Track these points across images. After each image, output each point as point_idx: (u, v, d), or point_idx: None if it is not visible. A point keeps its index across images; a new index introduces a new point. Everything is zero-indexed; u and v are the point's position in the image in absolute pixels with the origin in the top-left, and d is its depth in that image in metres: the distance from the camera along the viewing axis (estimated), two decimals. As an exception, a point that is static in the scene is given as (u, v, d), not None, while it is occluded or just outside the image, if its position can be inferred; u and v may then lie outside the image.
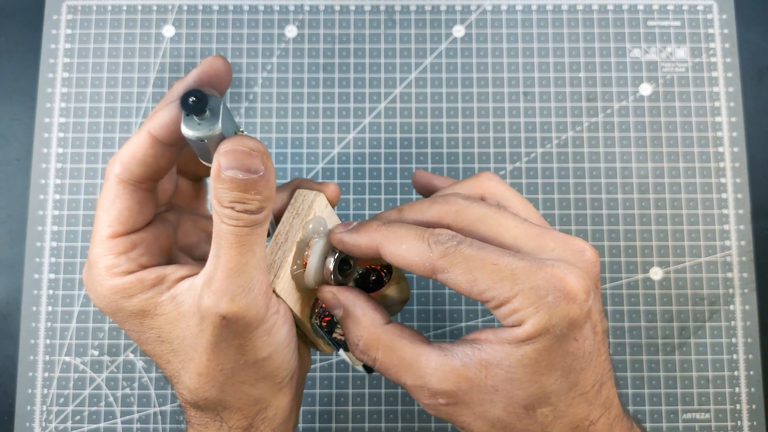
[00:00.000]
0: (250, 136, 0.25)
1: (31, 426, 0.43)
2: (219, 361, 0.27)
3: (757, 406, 0.44)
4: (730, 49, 0.47)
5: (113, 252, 0.27)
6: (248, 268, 0.26)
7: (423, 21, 0.48)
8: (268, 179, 0.25)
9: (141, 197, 0.28)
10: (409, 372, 0.28)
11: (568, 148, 0.46)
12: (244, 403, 0.29)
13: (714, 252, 0.45)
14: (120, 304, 0.28)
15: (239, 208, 0.25)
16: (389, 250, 0.28)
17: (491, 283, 0.26)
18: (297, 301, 0.30)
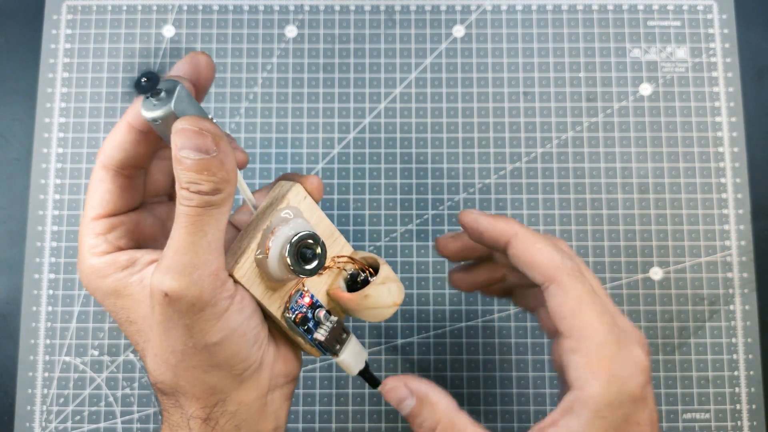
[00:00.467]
0: (205, 118, 0.26)
1: (31, 426, 0.43)
2: (169, 342, 0.27)
3: (757, 406, 0.44)
4: (730, 49, 0.47)
5: (94, 233, 0.29)
6: (196, 248, 0.26)
7: (423, 21, 0.48)
8: (222, 161, 0.26)
9: (122, 182, 0.29)
10: None
11: (568, 148, 0.46)
12: (200, 391, 0.28)
13: (714, 252, 0.45)
14: (97, 283, 0.29)
15: (193, 188, 0.26)
16: (522, 244, 0.29)
17: (592, 320, 0.27)
18: (265, 291, 0.29)
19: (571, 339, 0.27)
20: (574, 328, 0.27)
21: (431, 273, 0.45)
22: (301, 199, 0.30)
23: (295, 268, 0.28)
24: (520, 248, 0.29)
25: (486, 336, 0.44)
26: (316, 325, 0.31)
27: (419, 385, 0.29)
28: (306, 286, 0.30)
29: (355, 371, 0.32)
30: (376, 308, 0.31)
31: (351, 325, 0.44)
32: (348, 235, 0.45)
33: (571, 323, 0.27)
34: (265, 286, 0.29)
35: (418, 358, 0.44)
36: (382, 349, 0.44)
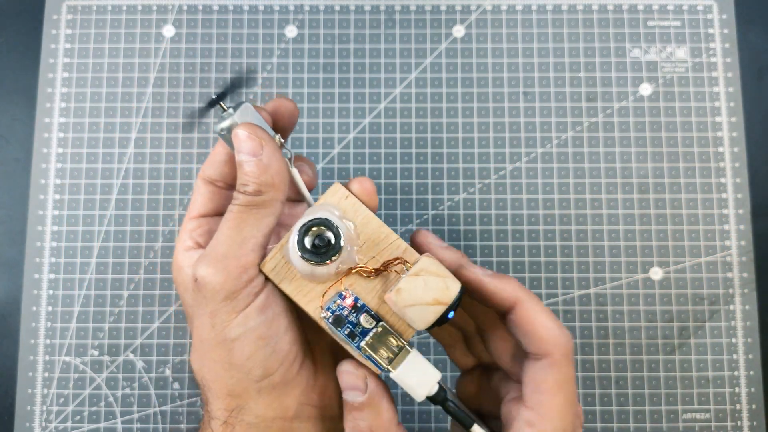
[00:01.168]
0: (259, 127, 0.29)
1: (31, 426, 0.43)
2: (198, 328, 0.29)
3: (757, 406, 0.44)
4: (730, 49, 0.47)
5: (186, 230, 0.32)
6: (230, 241, 0.28)
7: (423, 21, 0.48)
8: (266, 165, 0.28)
9: (213, 189, 0.32)
10: None
11: (568, 148, 0.46)
12: (220, 389, 0.29)
13: (714, 252, 0.45)
14: (176, 275, 0.31)
15: (241, 189, 0.28)
16: (527, 313, 0.28)
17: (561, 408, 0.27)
18: (299, 289, 0.28)
19: (533, 412, 0.27)
20: (543, 406, 0.27)
21: (431, 273, 0.45)
22: (340, 198, 0.29)
23: (303, 254, 0.27)
24: (524, 317, 0.28)
25: (486, 336, 0.44)
26: (364, 332, 0.28)
27: (376, 388, 0.28)
28: (351, 288, 0.29)
29: (421, 394, 0.28)
30: (413, 305, 0.27)
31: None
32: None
33: (541, 400, 0.27)
34: (298, 284, 0.28)
35: (418, 358, 0.44)
36: (382, 349, 0.44)
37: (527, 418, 0.28)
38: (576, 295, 0.45)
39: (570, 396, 0.28)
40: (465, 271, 0.30)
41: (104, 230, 0.45)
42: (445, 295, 0.27)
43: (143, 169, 0.46)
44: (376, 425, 0.28)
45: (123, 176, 0.46)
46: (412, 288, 0.27)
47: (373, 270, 0.28)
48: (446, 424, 0.44)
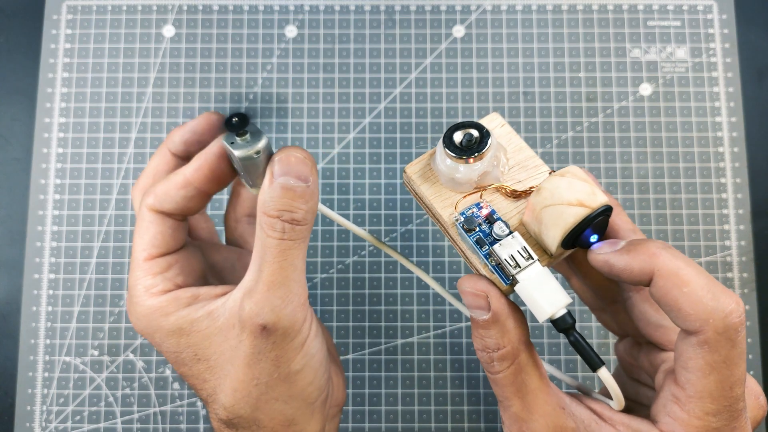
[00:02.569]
0: (299, 147, 0.28)
1: (31, 426, 0.43)
2: (254, 374, 0.27)
3: (757, 406, 0.44)
4: (730, 49, 0.47)
5: (150, 273, 0.29)
6: (289, 282, 0.27)
7: (423, 21, 0.48)
8: (313, 191, 0.27)
9: (171, 224, 0.30)
10: (522, 401, 0.26)
11: (568, 148, 0.46)
12: (277, 423, 0.28)
13: (714, 252, 0.45)
14: (158, 323, 0.29)
15: (286, 217, 0.27)
16: (667, 284, 0.24)
17: (713, 391, 0.24)
18: (437, 194, 0.28)
19: (681, 390, 0.25)
20: (691, 385, 0.24)
21: (431, 273, 0.45)
22: (496, 125, 0.29)
23: (449, 149, 0.27)
24: (665, 290, 0.24)
25: (486, 336, 0.44)
26: (493, 242, 0.26)
27: (500, 305, 0.26)
28: (492, 202, 0.28)
29: (546, 312, 0.25)
30: (552, 205, 0.25)
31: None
32: (348, 234, 0.45)
33: (689, 378, 0.24)
34: (438, 189, 0.28)
35: (418, 358, 0.44)
36: (382, 349, 0.44)
37: (674, 392, 0.25)
38: (576, 295, 0.45)
39: (726, 379, 0.24)
40: (592, 257, 0.26)
41: (104, 230, 0.45)
42: (591, 200, 0.25)
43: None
44: (503, 342, 0.26)
45: (123, 176, 0.46)
46: (554, 187, 0.25)
47: (513, 191, 0.27)
48: (446, 424, 0.44)
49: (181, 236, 0.30)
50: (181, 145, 0.31)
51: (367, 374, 0.44)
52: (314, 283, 0.45)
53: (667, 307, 0.24)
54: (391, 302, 0.45)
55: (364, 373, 0.44)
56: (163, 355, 0.30)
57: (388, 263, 0.45)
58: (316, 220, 0.45)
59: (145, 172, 0.32)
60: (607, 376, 0.26)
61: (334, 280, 0.45)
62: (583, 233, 0.26)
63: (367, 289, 0.45)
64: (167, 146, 0.32)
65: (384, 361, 0.44)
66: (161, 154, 0.32)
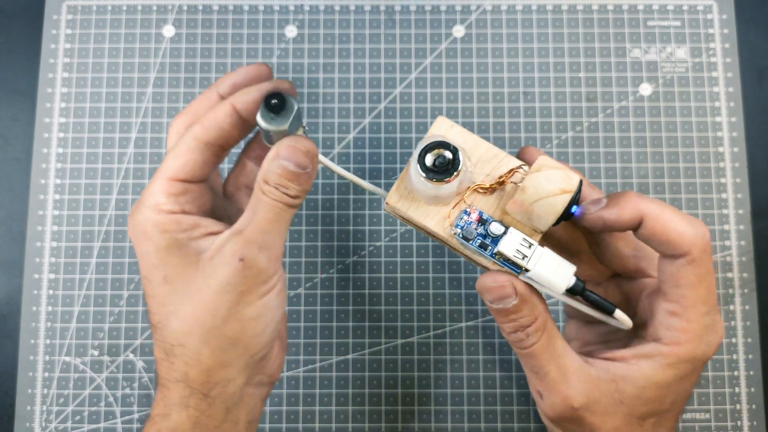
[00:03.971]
0: (308, 138, 0.31)
1: (31, 426, 0.43)
2: (217, 303, 0.30)
3: (757, 406, 0.44)
4: (730, 49, 0.47)
5: (167, 192, 0.31)
6: (274, 232, 0.30)
7: (423, 21, 0.48)
8: (310, 176, 0.31)
9: (207, 157, 0.32)
10: (557, 365, 0.30)
11: (568, 148, 0.46)
12: (215, 363, 0.30)
13: (714, 252, 0.45)
14: (153, 236, 0.31)
15: (282, 190, 0.30)
16: (655, 224, 0.29)
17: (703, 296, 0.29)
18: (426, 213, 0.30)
19: (676, 304, 0.29)
20: (684, 298, 0.29)
21: (431, 273, 0.45)
22: (446, 128, 0.31)
23: (427, 174, 0.29)
24: (654, 231, 0.29)
25: (486, 336, 0.44)
26: (495, 240, 0.29)
27: (522, 286, 0.29)
28: (473, 204, 0.30)
29: (561, 287, 0.29)
30: (540, 199, 0.28)
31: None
32: (348, 234, 0.45)
33: (683, 293, 0.29)
34: (423, 209, 0.30)
35: (418, 358, 0.44)
36: (382, 349, 0.44)
37: (669, 308, 0.29)
38: (576, 295, 0.45)
39: (711, 285, 0.29)
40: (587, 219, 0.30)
41: (104, 230, 0.45)
42: (569, 184, 0.28)
43: (143, 169, 0.46)
44: (535, 315, 0.30)
45: (123, 176, 0.46)
46: (536, 183, 0.28)
47: (489, 186, 0.30)
48: (446, 424, 0.44)
49: (206, 171, 0.33)
50: (230, 88, 0.34)
51: (367, 374, 0.44)
52: (314, 283, 0.45)
53: (657, 242, 0.29)
54: (391, 302, 0.45)
55: (364, 373, 0.44)
56: (140, 264, 0.32)
57: (388, 263, 0.45)
58: (316, 222, 0.45)
59: (189, 108, 0.34)
60: (620, 315, 0.30)
61: (334, 280, 0.45)
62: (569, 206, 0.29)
63: (367, 289, 0.45)
64: (216, 89, 0.34)
65: (384, 361, 0.44)
66: (208, 94, 0.34)
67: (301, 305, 0.45)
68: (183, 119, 0.34)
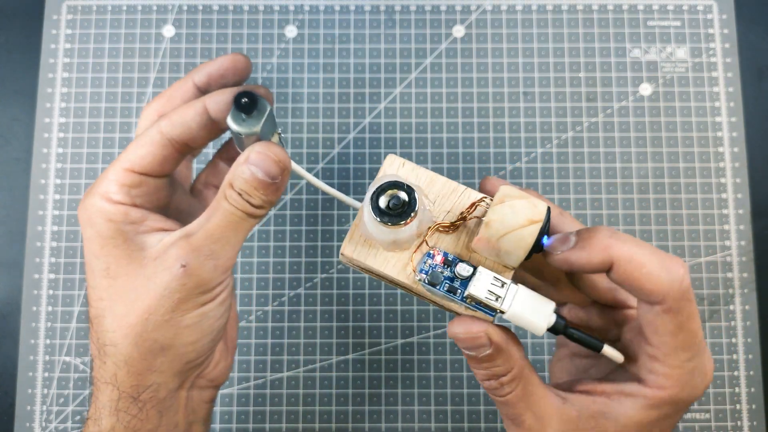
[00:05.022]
0: (281, 147, 0.29)
1: (31, 426, 0.43)
2: (151, 308, 0.29)
3: (757, 406, 0.44)
4: (730, 49, 0.47)
5: (120, 181, 0.30)
6: (225, 242, 0.29)
7: (423, 21, 0.48)
8: (278, 188, 0.29)
9: (169, 153, 0.31)
10: (534, 410, 0.28)
11: (568, 148, 0.46)
12: (144, 367, 0.29)
13: (714, 252, 0.45)
14: (97, 222, 0.30)
15: (245, 197, 0.29)
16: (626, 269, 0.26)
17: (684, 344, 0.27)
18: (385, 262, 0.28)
19: (657, 350, 0.27)
20: (665, 345, 0.27)
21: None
22: (398, 166, 0.29)
23: (382, 219, 0.26)
24: (625, 275, 0.26)
25: (486, 336, 0.44)
26: (464, 283, 0.27)
27: (497, 333, 0.27)
28: (436, 245, 0.28)
29: (542, 327, 0.27)
30: (507, 233, 0.26)
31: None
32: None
33: (663, 340, 0.27)
34: (383, 257, 0.28)
35: (418, 358, 0.44)
36: (382, 349, 0.44)
37: (651, 353, 0.27)
38: (576, 295, 0.45)
39: (693, 329, 0.27)
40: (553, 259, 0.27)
41: (104, 230, 0.45)
42: (536, 213, 0.26)
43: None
44: (511, 365, 0.27)
45: (123, 176, 0.46)
46: (501, 217, 0.26)
47: (450, 224, 0.28)
48: (446, 424, 0.44)
49: (167, 168, 0.31)
50: (205, 77, 0.33)
51: (367, 374, 0.44)
52: (314, 283, 0.45)
53: (629, 288, 0.26)
54: (391, 302, 0.45)
55: (364, 373, 0.44)
56: (84, 251, 0.31)
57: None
58: (316, 222, 0.45)
59: (162, 95, 0.33)
60: (609, 350, 0.28)
61: (334, 280, 0.45)
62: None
63: (367, 289, 0.45)
64: (192, 77, 0.33)
65: (384, 361, 0.44)
66: (184, 82, 0.33)
67: (301, 305, 0.45)
68: (155, 106, 0.33)
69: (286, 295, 0.45)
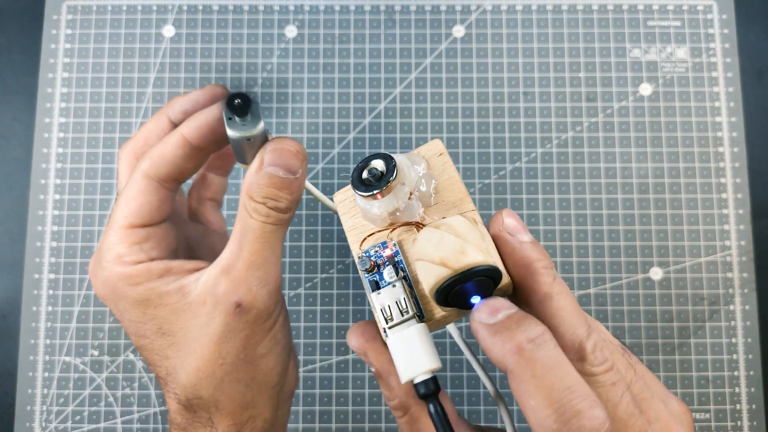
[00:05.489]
0: (293, 139, 0.27)
1: (31, 426, 0.43)
2: (222, 353, 0.27)
3: (757, 406, 0.44)
4: (730, 49, 0.47)
5: (127, 241, 0.28)
6: (267, 263, 0.27)
7: (423, 21, 0.48)
8: (301, 182, 0.27)
9: (162, 195, 0.29)
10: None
11: (568, 148, 0.46)
12: (236, 406, 0.29)
13: (714, 252, 0.45)
14: (125, 291, 0.28)
15: (271, 204, 0.27)
16: (521, 395, 0.22)
17: None
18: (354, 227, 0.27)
19: None
20: None
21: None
22: (434, 153, 0.27)
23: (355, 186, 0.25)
24: (515, 392, 0.22)
25: (486, 336, 0.44)
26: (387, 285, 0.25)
27: (380, 365, 0.26)
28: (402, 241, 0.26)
29: (404, 376, 0.24)
30: (420, 259, 0.24)
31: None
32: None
33: None
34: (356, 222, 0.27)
35: (418, 358, 0.44)
36: (382, 349, 0.44)
37: None
38: (576, 295, 0.45)
39: None
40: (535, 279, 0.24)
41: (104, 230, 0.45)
42: (455, 260, 0.22)
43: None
44: (391, 395, 0.26)
45: (123, 176, 0.46)
46: (425, 240, 0.24)
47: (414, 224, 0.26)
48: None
49: (166, 209, 0.30)
50: (180, 114, 0.30)
51: (367, 374, 0.44)
52: (314, 283, 0.45)
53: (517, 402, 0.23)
54: (391, 302, 0.45)
55: (365, 373, 0.44)
56: (123, 325, 0.29)
57: (388, 263, 0.45)
58: (316, 222, 0.45)
59: (137, 136, 0.31)
60: None
61: (334, 280, 0.45)
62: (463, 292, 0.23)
63: (367, 289, 0.45)
64: (166, 113, 0.31)
65: (384, 361, 0.44)
66: (158, 119, 0.31)
67: (301, 305, 0.45)
68: (131, 147, 0.31)
69: (286, 295, 0.45)
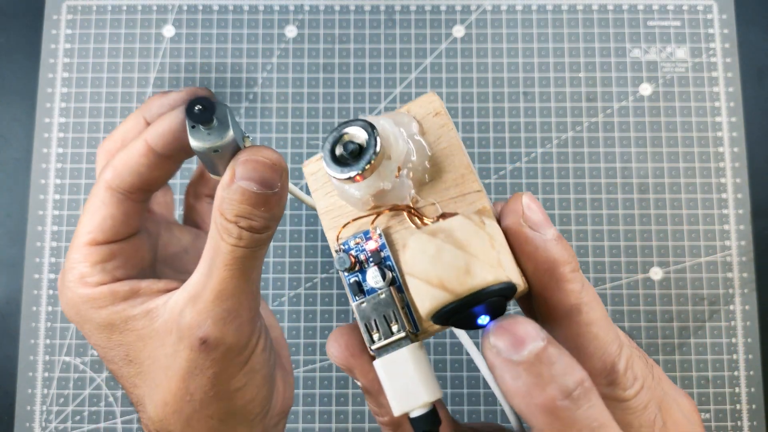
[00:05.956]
0: (270, 148, 0.23)
1: (31, 426, 0.43)
2: (188, 389, 0.25)
3: (757, 406, 0.44)
4: (730, 49, 0.47)
5: (88, 260, 0.25)
6: (239, 293, 0.24)
7: (423, 21, 0.48)
8: (281, 197, 0.23)
9: (128, 208, 0.26)
10: None
11: (568, 148, 0.46)
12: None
13: (714, 252, 0.45)
14: (88, 315, 0.25)
15: (243, 224, 0.23)
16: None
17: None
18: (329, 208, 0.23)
19: None
20: None
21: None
22: (428, 111, 0.21)
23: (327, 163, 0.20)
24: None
25: (486, 336, 0.44)
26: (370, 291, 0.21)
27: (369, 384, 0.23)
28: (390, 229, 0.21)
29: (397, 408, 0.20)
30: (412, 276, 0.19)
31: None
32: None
33: None
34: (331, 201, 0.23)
35: (418, 358, 0.44)
36: (382, 349, 0.44)
37: None
38: (576, 295, 0.45)
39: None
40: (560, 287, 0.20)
41: (104, 230, 0.45)
42: (458, 282, 0.18)
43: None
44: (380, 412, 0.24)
45: (123, 176, 0.46)
46: (418, 252, 0.19)
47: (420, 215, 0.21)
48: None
49: (133, 223, 0.26)
50: (157, 117, 0.27)
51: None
52: (314, 283, 0.45)
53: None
54: (391, 302, 0.45)
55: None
56: (92, 344, 0.26)
57: (388, 263, 0.45)
58: (316, 222, 0.45)
59: (113, 135, 0.28)
60: None
61: (334, 280, 0.45)
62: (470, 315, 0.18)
63: (367, 289, 0.45)
64: (142, 113, 0.27)
65: (384, 361, 0.44)
66: (134, 119, 0.28)
67: (301, 305, 0.45)
68: (108, 148, 0.27)
69: (286, 295, 0.45)
